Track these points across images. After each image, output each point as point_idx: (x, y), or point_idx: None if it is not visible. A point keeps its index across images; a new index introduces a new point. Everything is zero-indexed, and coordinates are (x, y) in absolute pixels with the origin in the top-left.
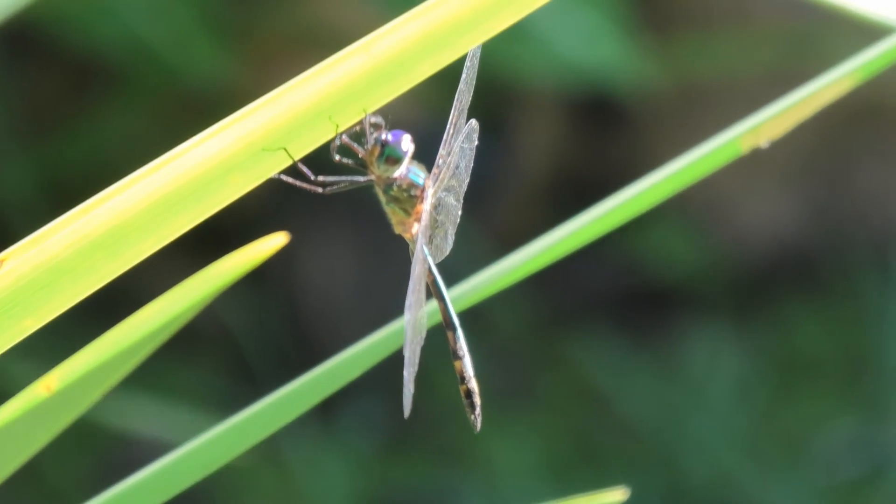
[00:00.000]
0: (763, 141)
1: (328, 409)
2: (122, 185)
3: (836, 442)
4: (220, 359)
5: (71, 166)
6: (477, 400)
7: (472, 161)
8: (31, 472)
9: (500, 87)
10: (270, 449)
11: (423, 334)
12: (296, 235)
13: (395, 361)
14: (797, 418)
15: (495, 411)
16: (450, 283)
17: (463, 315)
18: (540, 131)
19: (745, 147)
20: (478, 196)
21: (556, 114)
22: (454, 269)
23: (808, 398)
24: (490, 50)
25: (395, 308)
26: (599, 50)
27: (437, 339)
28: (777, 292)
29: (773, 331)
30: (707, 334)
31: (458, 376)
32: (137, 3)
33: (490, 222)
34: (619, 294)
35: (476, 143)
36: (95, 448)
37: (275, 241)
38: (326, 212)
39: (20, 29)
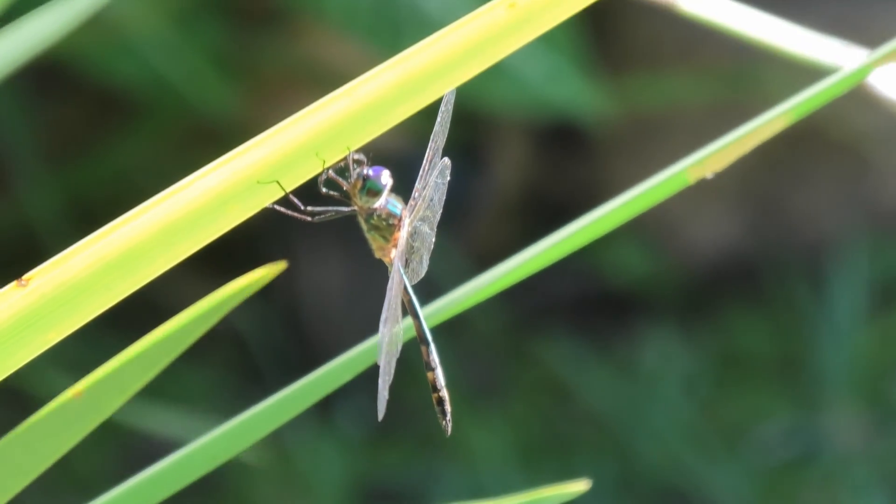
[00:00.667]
0: (708, 173)
1: (325, 405)
2: (135, 212)
3: (772, 430)
4: (230, 360)
5: (94, 190)
6: (447, 407)
7: (445, 194)
8: (60, 463)
9: (475, 118)
10: (275, 438)
11: (399, 347)
12: (296, 252)
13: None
14: (738, 410)
15: (472, 404)
16: (430, 295)
17: (442, 322)
18: (510, 156)
19: (691, 178)
20: (455, 214)
21: (525, 141)
22: (434, 282)
23: (747, 392)
24: (467, 85)
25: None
26: (562, 86)
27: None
28: (720, 298)
29: (717, 332)
30: (658, 335)
31: (430, 385)
32: (154, 42)
33: (466, 237)
34: (581, 300)
35: (448, 178)
36: (118, 442)
37: (276, 267)
38: (322, 232)
39: (48, 65)
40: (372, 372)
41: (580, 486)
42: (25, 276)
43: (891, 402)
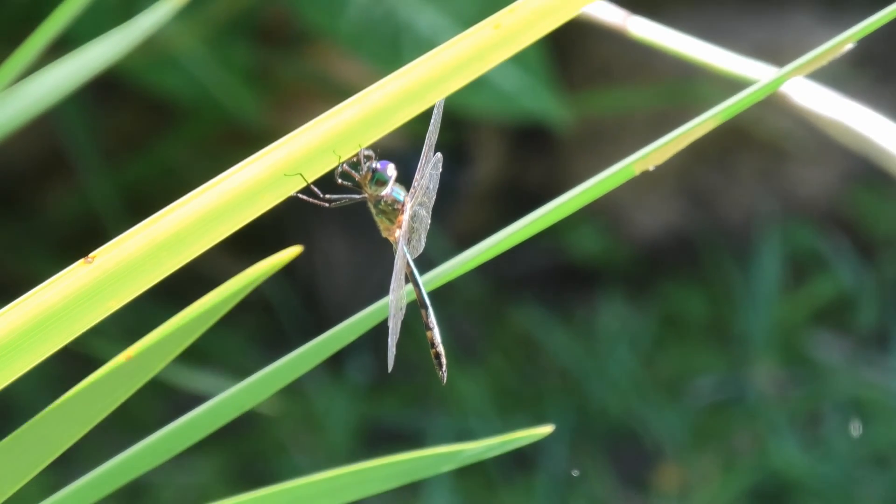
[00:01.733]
0: (650, 166)
1: (337, 359)
2: (181, 202)
3: (705, 380)
4: (259, 324)
5: (146, 182)
6: (443, 361)
7: (438, 182)
8: (116, 413)
9: (461, 122)
10: (297, 387)
11: (403, 311)
12: (314, 234)
13: (386, 326)
14: (677, 363)
15: (457, 360)
16: (423, 268)
17: (433, 290)
18: (490, 154)
19: (637, 170)
20: (444, 201)
21: (501, 141)
22: (427, 257)
23: (685, 349)
24: (454, 95)
25: (386, 288)
26: (531, 97)
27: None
28: (662, 271)
29: (660, 299)
30: (611, 302)
31: (429, 342)
32: (196, 59)
33: (453, 220)
34: (548, 272)
35: (441, 170)
36: (165, 396)
37: (293, 250)
38: (334, 218)
39: (108, 79)
40: (374, 332)
41: (545, 429)
42: (91, 255)
43: (800, 357)
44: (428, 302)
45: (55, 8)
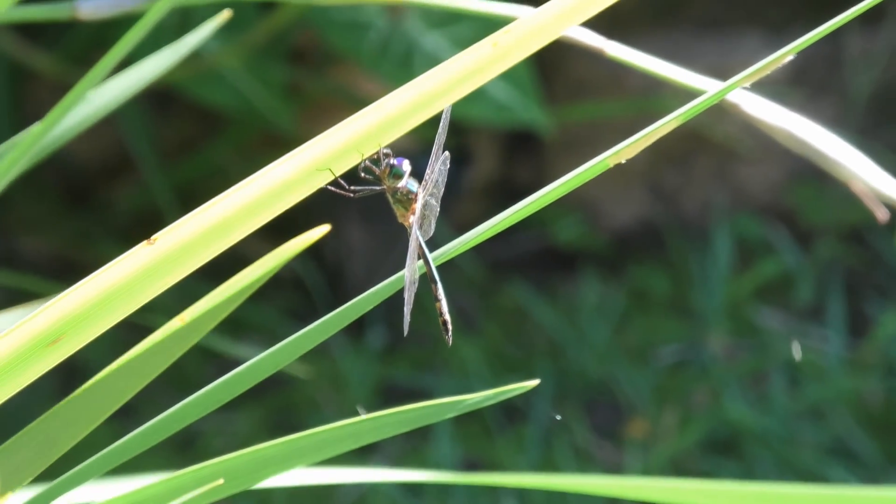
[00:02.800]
0: (622, 160)
1: (358, 326)
2: (227, 193)
3: (669, 346)
4: (293, 296)
5: (197, 178)
6: (449, 327)
7: (446, 177)
8: (169, 372)
9: (463, 126)
10: (324, 349)
11: (416, 283)
12: (340, 221)
13: (399, 298)
14: (645, 332)
15: (458, 328)
16: (432, 248)
17: (438, 266)
18: (485, 155)
19: (611, 163)
20: (448, 193)
21: (496, 143)
22: (433, 239)
23: (652, 320)
24: (457, 104)
25: (400, 268)
26: (521, 106)
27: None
28: (634, 255)
29: (631, 279)
30: (590, 280)
31: (438, 311)
32: (238, 75)
33: (456, 209)
34: (536, 254)
35: (448, 166)
36: (209, 359)
37: (322, 230)
38: (358, 208)
39: (164, 90)
40: (389, 307)
41: (531, 384)
42: (153, 237)
43: (748, 327)
44: (437, 277)
45: (119, 31)
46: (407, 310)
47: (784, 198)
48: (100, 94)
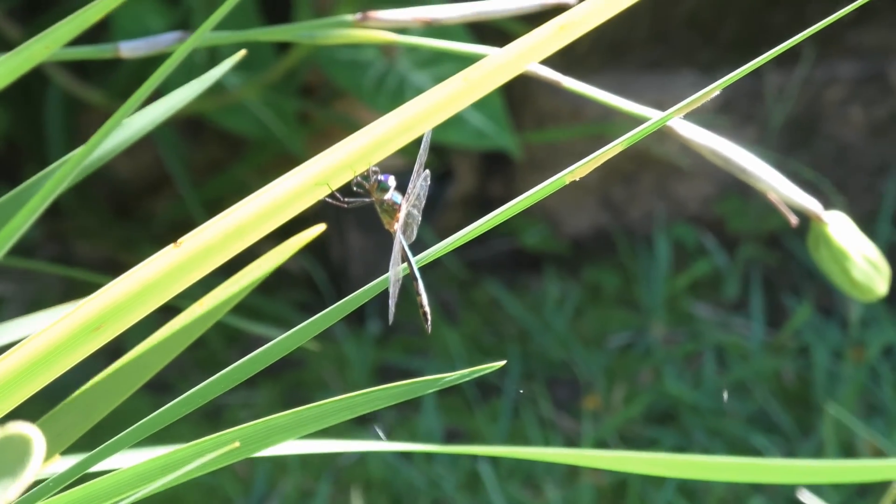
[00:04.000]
0: (578, 177)
1: (359, 314)
2: (243, 203)
3: (619, 333)
4: (302, 290)
5: (222, 194)
6: (428, 317)
7: (427, 191)
8: (190, 350)
9: (444, 149)
10: (329, 333)
11: (400, 281)
12: (343, 227)
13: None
14: (599, 321)
15: (443, 318)
16: (417, 250)
17: (422, 266)
18: (463, 173)
19: (568, 180)
20: (430, 205)
21: (472, 163)
22: (423, 244)
23: (605, 311)
24: (438, 127)
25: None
26: (494, 131)
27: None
28: (590, 257)
29: (588, 277)
30: (553, 278)
31: (419, 304)
32: (259, 107)
33: (436, 220)
34: (509, 256)
35: (428, 182)
36: (228, 341)
37: (317, 230)
38: (357, 216)
39: (194, 118)
40: (384, 298)
41: (499, 364)
42: (179, 241)
43: (684, 317)
44: (419, 275)
45: (155, 68)
46: (392, 303)
47: (713, 208)
48: (137, 120)
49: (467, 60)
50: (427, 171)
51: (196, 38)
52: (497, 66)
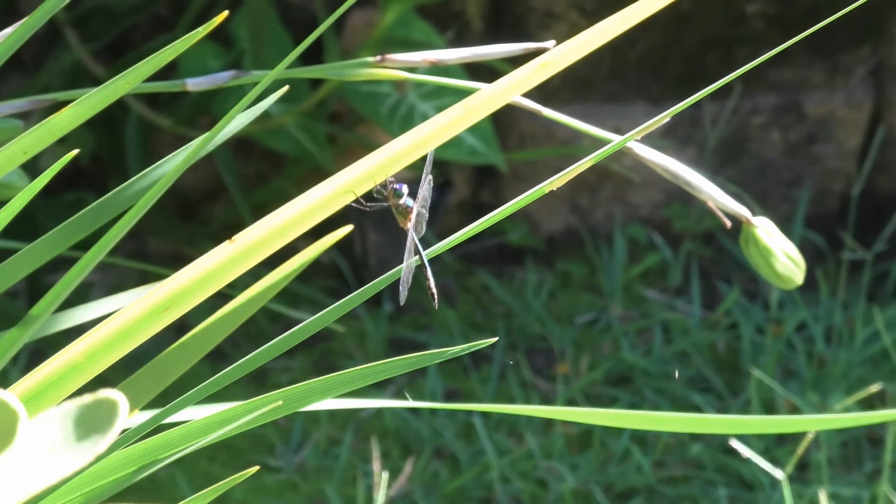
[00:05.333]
0: (554, 188)
1: (376, 299)
2: (284, 207)
3: (586, 313)
4: (333, 279)
5: (267, 201)
6: (435, 297)
7: (431, 195)
8: (240, 331)
9: (444, 163)
10: (355, 313)
11: (412, 269)
12: (364, 227)
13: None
14: (570, 303)
15: (443, 302)
16: (426, 246)
17: (428, 258)
18: (459, 183)
19: (546, 190)
20: (432, 210)
21: (468, 175)
22: (428, 242)
23: (574, 295)
24: (440, 149)
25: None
26: (485, 149)
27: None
28: (563, 251)
29: (561, 267)
30: (533, 268)
31: (427, 287)
32: (297, 129)
33: (438, 223)
34: (498, 251)
35: (432, 188)
36: (278, 320)
37: (345, 230)
38: (375, 218)
39: (245, 139)
40: (397, 285)
41: (491, 340)
42: (233, 238)
43: (638, 300)
44: (427, 263)
45: (215, 98)
46: (403, 287)
47: (661, 212)
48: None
49: (463, 93)
50: (430, 179)
51: (250, 78)
52: (490, 97)
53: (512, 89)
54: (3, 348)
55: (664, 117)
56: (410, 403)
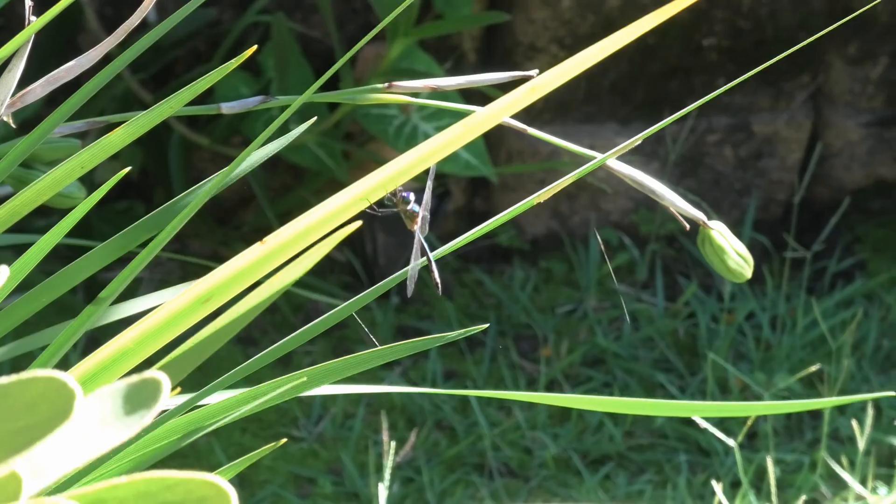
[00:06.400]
0: (540, 200)
1: (385, 293)
2: (307, 213)
3: (564, 305)
4: (347, 275)
5: (291, 209)
6: (439, 287)
7: (433, 203)
8: (277, 318)
9: (443, 176)
10: (367, 307)
11: (418, 265)
12: (374, 230)
13: (412, 275)
14: (551, 296)
15: (442, 293)
16: (430, 249)
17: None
18: (456, 193)
19: (535, 202)
20: (433, 218)
21: (464, 186)
22: (430, 245)
23: (555, 290)
24: (441, 162)
25: (408, 260)
26: (478, 164)
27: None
28: (545, 252)
29: (544, 265)
30: (520, 266)
31: (432, 278)
32: (317, 146)
33: (438, 228)
34: (490, 251)
35: (434, 197)
36: (302, 311)
37: (355, 225)
38: (384, 223)
39: (273, 155)
40: (403, 282)
41: (484, 326)
42: (264, 240)
43: (610, 293)
44: (432, 258)
45: (246, 119)
46: (411, 281)
47: (630, 217)
48: (244, 163)
49: (459, 115)
50: (431, 189)
51: (277, 102)
52: (484, 117)
53: (504, 110)
54: (65, 337)
55: (636, 140)
56: (415, 389)
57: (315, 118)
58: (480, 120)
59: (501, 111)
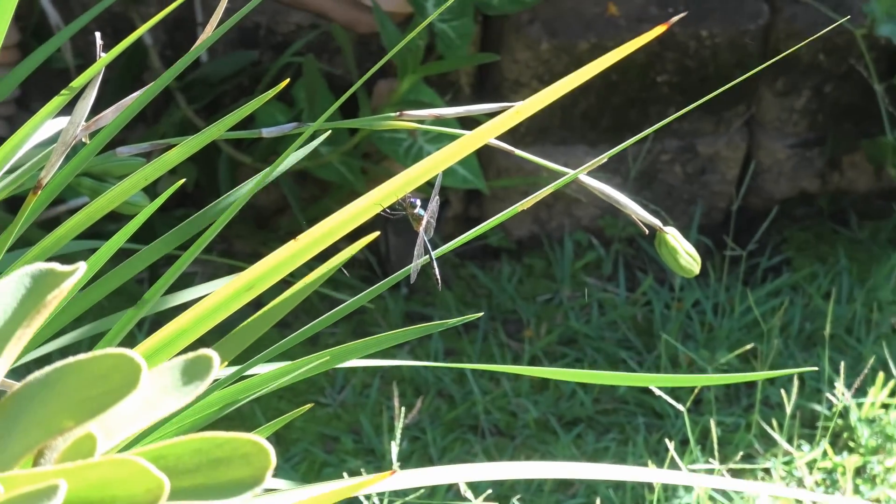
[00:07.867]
0: (525, 208)
1: (396, 284)
2: (331, 217)
3: (544, 294)
4: (365, 270)
5: (317, 216)
6: (439, 280)
7: (437, 208)
8: (308, 308)
9: (442, 186)
10: (381, 296)
11: (422, 261)
12: (386, 231)
13: (418, 268)
14: (533, 288)
15: (441, 286)
16: (433, 248)
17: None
18: (454, 202)
19: (519, 209)
20: (437, 221)
21: (460, 196)
22: (434, 244)
23: (536, 283)
24: (440, 175)
25: (417, 256)
26: (471, 177)
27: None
28: (528, 252)
29: (526, 262)
30: (507, 263)
31: (433, 273)
32: (341, 164)
33: (438, 231)
34: (481, 250)
35: (438, 203)
36: (326, 301)
37: (372, 236)
38: (397, 224)
39: (301, 170)
40: (409, 275)
41: (477, 315)
42: (297, 238)
43: (580, 285)
44: (434, 256)
45: (283, 142)
46: (414, 272)
47: (598, 222)
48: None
49: (456, 138)
50: (437, 197)
51: (310, 127)
52: (472, 138)
53: (491, 131)
54: (127, 319)
55: (602, 159)
56: (421, 363)
57: (333, 138)
58: (471, 139)
59: (488, 132)
